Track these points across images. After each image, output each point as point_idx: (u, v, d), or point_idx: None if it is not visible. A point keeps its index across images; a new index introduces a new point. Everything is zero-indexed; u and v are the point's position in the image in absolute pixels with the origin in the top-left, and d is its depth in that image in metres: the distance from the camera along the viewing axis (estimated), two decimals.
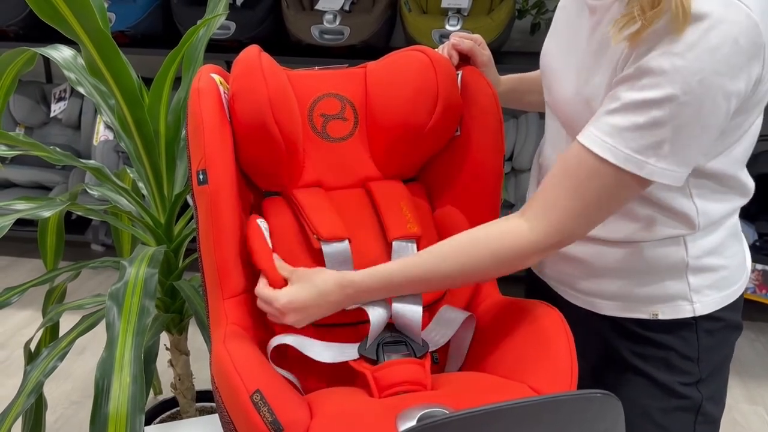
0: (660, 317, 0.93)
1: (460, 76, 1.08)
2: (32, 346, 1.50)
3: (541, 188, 0.86)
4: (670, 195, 0.88)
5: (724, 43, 0.73)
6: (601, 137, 0.79)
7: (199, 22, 1.35)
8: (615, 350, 0.98)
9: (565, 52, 0.95)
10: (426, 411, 0.78)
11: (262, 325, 0.97)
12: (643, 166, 0.78)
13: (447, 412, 0.78)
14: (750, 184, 0.92)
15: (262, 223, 0.98)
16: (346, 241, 0.98)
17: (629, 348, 0.96)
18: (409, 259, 0.91)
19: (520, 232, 0.85)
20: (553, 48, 1.00)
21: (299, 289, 0.90)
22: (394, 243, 1.01)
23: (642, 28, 0.76)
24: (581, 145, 0.81)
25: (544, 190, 0.85)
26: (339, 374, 0.96)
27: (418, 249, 1.01)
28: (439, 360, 1.04)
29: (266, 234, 0.97)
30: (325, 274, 0.91)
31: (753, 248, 2.29)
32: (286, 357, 0.96)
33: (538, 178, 1.06)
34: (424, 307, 1.05)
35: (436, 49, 1.10)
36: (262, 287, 0.91)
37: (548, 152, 1.02)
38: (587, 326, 0.97)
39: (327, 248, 0.97)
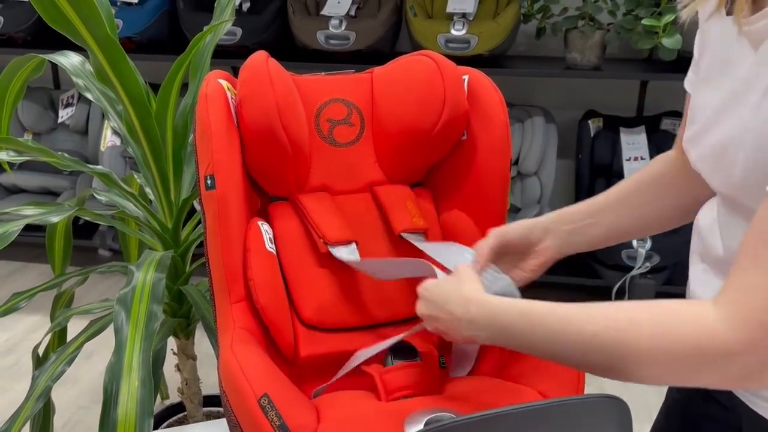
0: None
1: (466, 80, 1.08)
2: (40, 351, 1.50)
3: (739, 255, 0.58)
4: None
5: None
6: None
7: (205, 28, 1.36)
8: None
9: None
10: (433, 415, 0.78)
11: (270, 328, 0.97)
12: None
13: (454, 416, 0.78)
14: None
15: (263, 225, 0.99)
16: (353, 244, 0.99)
17: None
18: (556, 306, 0.67)
19: (702, 318, 0.56)
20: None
21: (446, 281, 0.78)
22: (402, 235, 1.00)
23: None
24: None
25: (744, 259, 0.57)
26: (346, 379, 0.96)
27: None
28: (447, 365, 1.04)
29: (266, 237, 0.97)
30: (472, 284, 0.75)
31: None
32: (296, 361, 0.96)
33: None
34: None
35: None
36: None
37: (731, 242, 0.69)
38: None
39: (335, 251, 0.98)
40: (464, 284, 0.75)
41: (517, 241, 0.87)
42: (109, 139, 2.62)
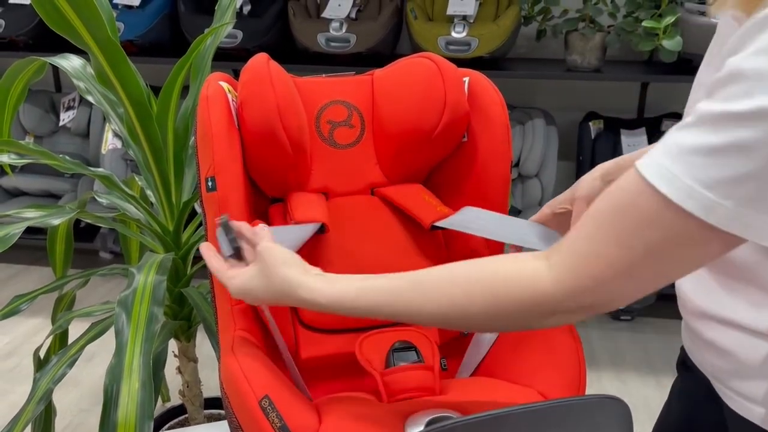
0: None
1: (467, 82, 1.08)
2: (42, 354, 1.50)
3: (577, 226, 0.62)
4: None
5: None
6: (661, 160, 0.55)
7: (206, 31, 1.37)
8: None
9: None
10: (434, 416, 0.78)
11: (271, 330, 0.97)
12: (712, 209, 0.53)
13: (455, 417, 0.78)
14: None
15: (264, 227, 0.99)
16: (320, 224, 0.97)
17: None
18: (383, 283, 0.71)
19: (537, 281, 0.62)
20: None
21: (254, 278, 0.78)
22: (436, 224, 0.99)
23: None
24: (635, 170, 0.57)
25: (580, 229, 0.61)
26: (347, 380, 0.96)
27: None
28: (448, 367, 1.04)
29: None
30: (287, 274, 0.75)
31: None
32: (297, 363, 0.96)
33: None
34: None
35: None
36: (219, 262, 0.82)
37: None
38: None
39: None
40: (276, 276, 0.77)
41: (566, 208, 0.92)
42: (110, 142, 2.63)
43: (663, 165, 0.55)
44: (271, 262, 0.76)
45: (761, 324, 0.67)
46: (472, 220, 0.97)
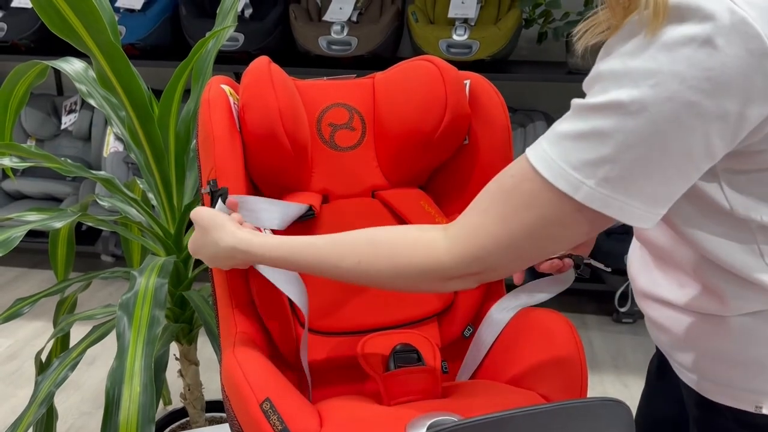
0: (765, 411, 0.72)
1: (468, 85, 1.08)
2: (43, 357, 1.50)
3: (474, 202, 0.71)
4: (729, 252, 0.68)
5: (692, 41, 0.56)
6: (542, 145, 0.65)
7: (208, 35, 1.37)
8: None
9: None
10: (436, 419, 0.78)
11: (272, 333, 0.97)
12: (578, 188, 0.61)
13: (457, 420, 0.78)
14: None
15: (266, 230, 0.99)
16: (308, 206, 1.01)
17: None
18: (310, 242, 0.79)
19: (433, 249, 0.71)
20: None
21: (198, 236, 0.88)
22: None
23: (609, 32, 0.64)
24: (526, 158, 0.66)
25: (475, 205, 0.70)
26: (349, 383, 0.96)
27: None
28: (449, 370, 1.04)
29: None
30: (224, 232, 0.85)
31: None
32: (298, 366, 0.96)
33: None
34: (434, 316, 1.05)
35: None
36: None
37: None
38: (692, 409, 0.80)
39: None
40: (215, 233, 0.85)
41: None
42: (111, 145, 2.63)
43: (543, 149, 0.64)
44: (209, 223, 0.86)
45: (685, 301, 0.75)
46: None
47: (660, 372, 0.92)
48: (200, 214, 0.88)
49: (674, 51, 0.57)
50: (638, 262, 0.83)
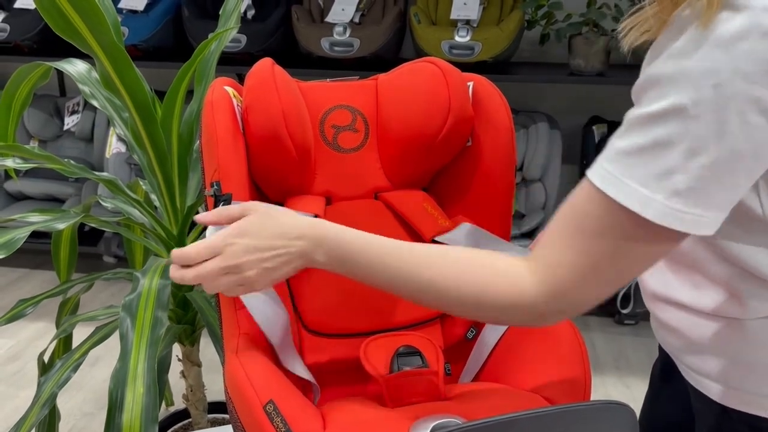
0: None
1: (471, 87, 1.08)
2: (46, 358, 1.51)
3: (544, 236, 0.68)
4: (754, 256, 0.66)
5: (750, 34, 0.53)
6: (603, 164, 0.62)
7: (210, 36, 1.37)
8: None
9: None
10: (439, 422, 0.78)
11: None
12: (647, 205, 0.58)
13: (460, 422, 0.78)
14: None
15: None
16: (313, 215, 0.99)
17: None
18: (395, 246, 0.74)
19: (518, 284, 0.67)
20: None
21: (252, 222, 0.74)
22: (437, 239, 1.02)
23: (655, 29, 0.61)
24: (586, 179, 0.63)
25: (550, 239, 0.67)
26: (352, 385, 0.96)
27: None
28: (452, 372, 1.04)
29: None
30: (296, 218, 0.75)
31: None
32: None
33: None
34: (437, 318, 1.05)
35: None
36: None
37: None
38: (702, 413, 0.78)
39: None
40: (274, 220, 0.75)
41: None
42: (114, 146, 2.63)
43: (605, 168, 0.61)
44: (267, 209, 0.76)
45: (700, 303, 0.72)
46: (472, 242, 1.01)
47: (664, 375, 0.92)
48: (253, 206, 0.76)
49: (732, 47, 0.54)
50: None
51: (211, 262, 0.74)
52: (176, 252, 0.75)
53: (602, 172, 0.61)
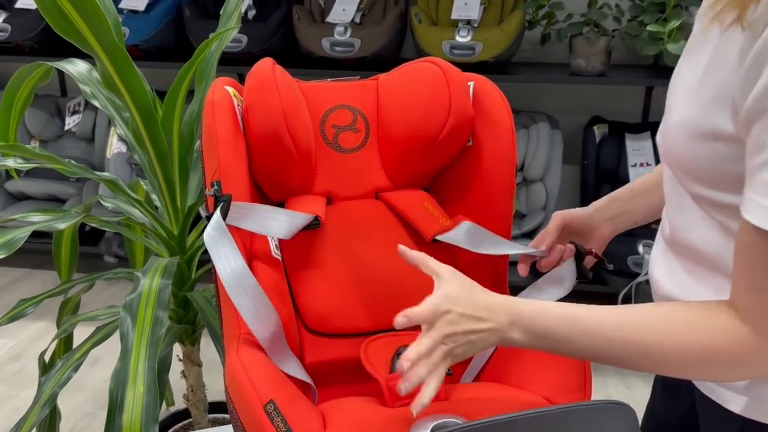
0: None
1: (472, 87, 1.08)
2: (46, 358, 1.51)
3: (741, 289, 0.63)
4: None
5: None
6: (758, 202, 0.57)
7: (211, 36, 1.37)
8: None
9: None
10: (439, 422, 0.78)
11: None
12: None
13: (461, 422, 0.78)
14: None
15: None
16: (314, 216, 0.99)
17: None
18: (593, 318, 0.68)
19: (737, 332, 0.62)
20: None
21: (455, 289, 0.71)
22: (438, 238, 1.02)
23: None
24: (747, 224, 0.59)
25: (753, 291, 0.62)
26: (352, 385, 0.96)
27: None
28: (453, 372, 1.04)
29: (272, 243, 0.98)
30: (488, 292, 0.73)
31: None
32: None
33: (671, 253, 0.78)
34: None
35: None
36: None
37: (674, 221, 0.75)
38: (713, 426, 0.76)
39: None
40: (477, 290, 0.73)
41: (579, 224, 0.97)
42: (115, 146, 2.63)
43: (763, 206, 0.57)
44: (465, 279, 0.74)
45: None
46: (473, 240, 1.02)
47: (667, 382, 0.90)
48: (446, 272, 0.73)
49: None
50: (663, 266, 0.78)
51: (434, 330, 0.70)
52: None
53: (763, 212, 0.57)
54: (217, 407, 1.71)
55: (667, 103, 0.72)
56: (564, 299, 0.99)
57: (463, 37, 2.28)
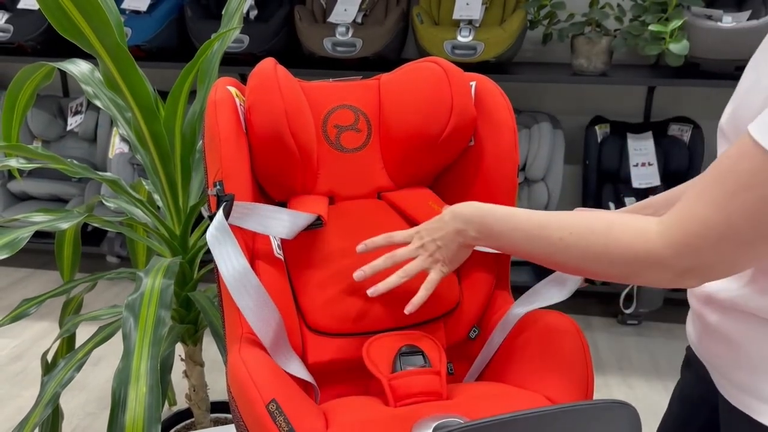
0: None
1: (474, 86, 1.08)
2: (49, 357, 1.51)
3: (688, 190, 0.66)
4: None
5: None
6: (767, 119, 0.57)
7: (213, 36, 1.37)
8: None
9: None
10: (441, 421, 0.78)
11: None
12: None
13: (462, 421, 0.78)
14: None
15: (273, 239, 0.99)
16: (316, 216, 1.00)
17: None
18: (533, 213, 0.79)
19: (645, 233, 0.65)
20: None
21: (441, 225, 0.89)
22: None
23: None
24: (747, 135, 0.58)
25: (689, 192, 0.64)
26: (354, 384, 0.96)
27: None
28: (455, 371, 1.04)
29: (274, 243, 0.98)
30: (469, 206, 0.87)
31: None
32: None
33: None
34: (440, 317, 1.05)
35: None
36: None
37: None
38: None
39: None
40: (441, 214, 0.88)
41: None
42: (117, 146, 2.64)
43: None
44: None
45: (764, 305, 0.66)
46: None
47: (685, 395, 0.88)
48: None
49: None
50: None
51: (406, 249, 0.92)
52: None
53: (765, 127, 0.56)
54: (220, 407, 1.71)
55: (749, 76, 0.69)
56: (568, 299, 1.00)
57: (464, 37, 2.28)
